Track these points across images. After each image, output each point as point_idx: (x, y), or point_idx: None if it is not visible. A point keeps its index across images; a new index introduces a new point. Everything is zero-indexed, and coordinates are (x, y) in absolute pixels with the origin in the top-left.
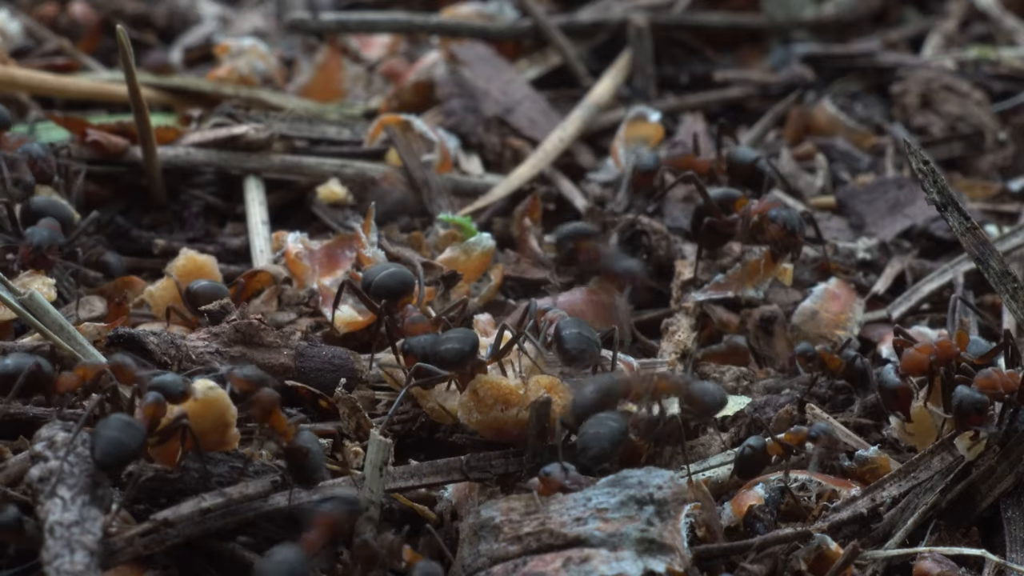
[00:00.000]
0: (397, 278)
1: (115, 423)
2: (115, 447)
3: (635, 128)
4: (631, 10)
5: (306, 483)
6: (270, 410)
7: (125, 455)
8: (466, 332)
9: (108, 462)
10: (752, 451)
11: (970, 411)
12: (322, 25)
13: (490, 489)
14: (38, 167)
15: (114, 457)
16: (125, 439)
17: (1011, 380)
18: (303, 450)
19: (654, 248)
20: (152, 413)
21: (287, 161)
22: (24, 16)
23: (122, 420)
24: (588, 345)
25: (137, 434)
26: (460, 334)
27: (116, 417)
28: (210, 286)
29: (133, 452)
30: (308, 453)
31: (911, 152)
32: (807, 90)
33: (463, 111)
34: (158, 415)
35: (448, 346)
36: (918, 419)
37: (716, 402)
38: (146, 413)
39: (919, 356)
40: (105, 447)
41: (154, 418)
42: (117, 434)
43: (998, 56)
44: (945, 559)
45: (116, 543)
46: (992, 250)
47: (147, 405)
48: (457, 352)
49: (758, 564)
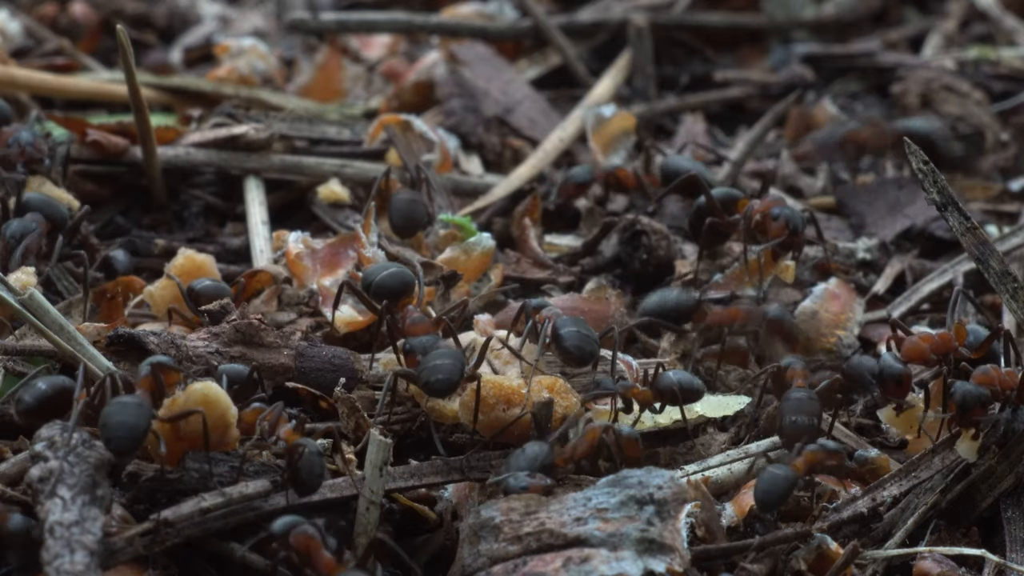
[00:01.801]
0: (398, 278)
1: (117, 406)
2: (124, 430)
3: (607, 128)
4: (631, 10)
5: (304, 489)
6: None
7: (137, 435)
8: (453, 362)
9: (122, 446)
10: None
11: (973, 405)
12: (322, 25)
13: (490, 489)
14: (26, 153)
15: (127, 440)
16: (131, 420)
17: (1009, 378)
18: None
19: (654, 248)
20: (149, 385)
21: (287, 161)
22: (24, 16)
23: (123, 402)
24: (587, 343)
25: (143, 412)
26: (448, 362)
27: (116, 401)
28: (213, 286)
29: (144, 430)
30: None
31: (911, 152)
32: (807, 90)
33: (463, 111)
34: (155, 386)
35: (438, 377)
36: (907, 408)
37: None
38: (142, 385)
39: (921, 345)
40: (114, 432)
41: (154, 390)
42: (124, 417)
43: (998, 56)
44: (945, 559)
45: (116, 543)
46: (992, 250)
47: (143, 378)
48: (446, 382)
49: (758, 564)
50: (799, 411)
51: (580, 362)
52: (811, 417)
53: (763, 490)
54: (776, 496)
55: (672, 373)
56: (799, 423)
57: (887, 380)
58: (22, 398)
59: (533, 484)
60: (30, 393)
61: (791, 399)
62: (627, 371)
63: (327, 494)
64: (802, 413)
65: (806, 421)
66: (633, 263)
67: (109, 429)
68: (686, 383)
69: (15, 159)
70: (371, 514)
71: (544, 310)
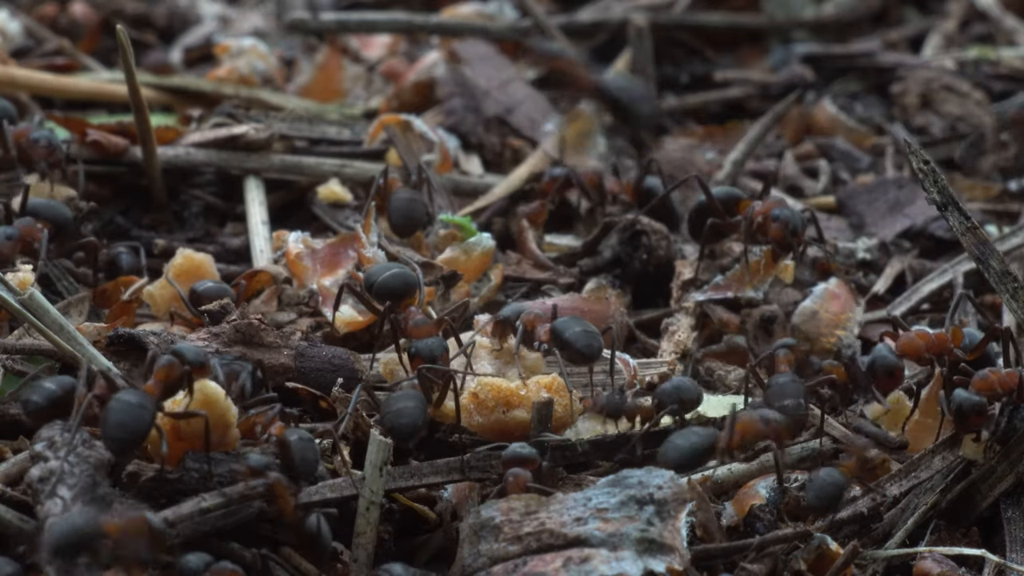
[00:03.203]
0: (400, 279)
1: (118, 405)
2: (123, 430)
3: (568, 130)
4: (631, 10)
5: (301, 475)
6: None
7: (136, 436)
8: (416, 404)
9: (119, 446)
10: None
11: (970, 414)
12: (322, 25)
13: (490, 489)
14: (55, 155)
15: (127, 440)
16: (131, 421)
17: (1009, 379)
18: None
19: (654, 248)
20: (165, 376)
21: (287, 161)
22: (24, 16)
23: (124, 400)
24: (595, 339)
25: (145, 410)
26: (411, 405)
27: (119, 398)
28: (215, 287)
29: (142, 432)
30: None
31: (911, 152)
32: (807, 90)
33: (463, 110)
34: (170, 378)
35: (403, 421)
36: (894, 404)
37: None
38: (158, 377)
39: (916, 341)
40: (114, 430)
41: (167, 381)
42: (123, 417)
43: (998, 56)
44: (945, 559)
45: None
46: (992, 250)
47: (160, 368)
48: (410, 427)
49: (758, 564)
50: (783, 395)
51: (589, 361)
52: (796, 399)
53: (816, 496)
54: (828, 503)
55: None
56: (787, 408)
57: (879, 371)
58: (31, 398)
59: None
60: (39, 393)
61: (775, 384)
62: (624, 369)
63: (327, 494)
64: (786, 397)
65: (792, 404)
66: (633, 263)
67: (108, 428)
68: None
69: (39, 157)
70: (371, 514)
71: (525, 314)
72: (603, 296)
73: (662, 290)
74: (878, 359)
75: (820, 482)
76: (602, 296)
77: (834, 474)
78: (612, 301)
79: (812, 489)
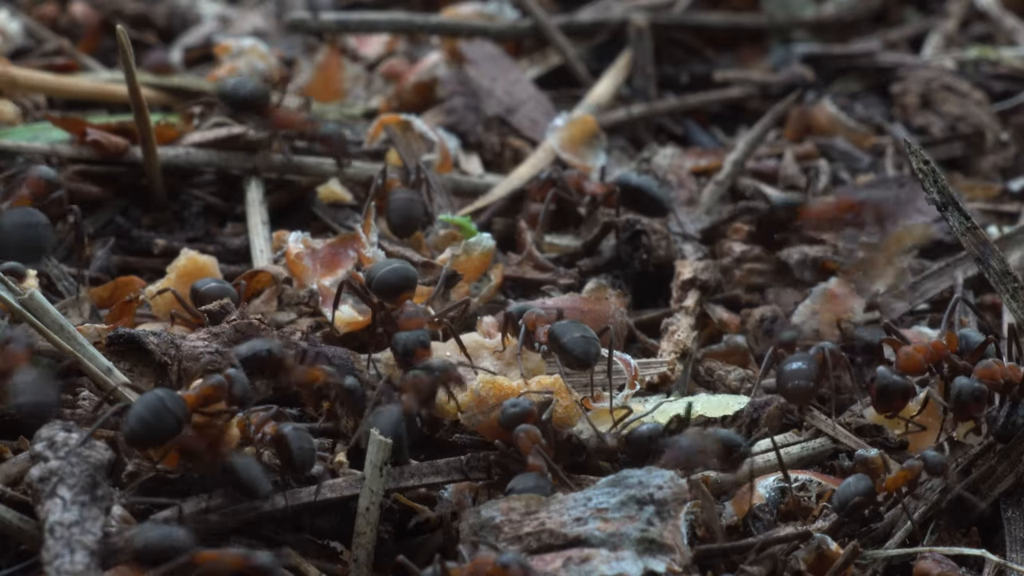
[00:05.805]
0: (399, 273)
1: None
2: (146, 427)
3: (573, 129)
4: (631, 10)
5: (300, 468)
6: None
7: (167, 428)
8: (388, 420)
9: (138, 438)
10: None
11: (969, 401)
12: (322, 25)
13: (489, 489)
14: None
15: (147, 435)
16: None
17: (1012, 371)
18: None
19: (654, 248)
20: (210, 393)
21: (287, 161)
22: (24, 16)
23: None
24: (592, 345)
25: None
26: (386, 419)
27: (153, 394)
28: (217, 287)
29: (178, 419)
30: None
31: (911, 152)
32: (807, 90)
33: (464, 109)
34: (211, 397)
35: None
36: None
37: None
38: (203, 393)
39: (915, 356)
40: (136, 424)
41: (204, 400)
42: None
43: (998, 56)
44: (945, 559)
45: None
46: (992, 250)
47: (207, 386)
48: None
49: (758, 564)
50: (796, 376)
51: (585, 366)
52: (807, 380)
53: (842, 498)
54: (852, 507)
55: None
56: (800, 385)
57: (892, 396)
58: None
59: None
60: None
61: (786, 367)
62: (625, 369)
63: (327, 494)
64: (799, 377)
65: (803, 384)
66: (633, 263)
67: (129, 419)
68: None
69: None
70: (371, 514)
71: (527, 313)
72: (603, 296)
73: (662, 290)
74: (889, 386)
75: (848, 486)
76: (602, 296)
77: (863, 481)
78: (612, 301)
79: (843, 490)
